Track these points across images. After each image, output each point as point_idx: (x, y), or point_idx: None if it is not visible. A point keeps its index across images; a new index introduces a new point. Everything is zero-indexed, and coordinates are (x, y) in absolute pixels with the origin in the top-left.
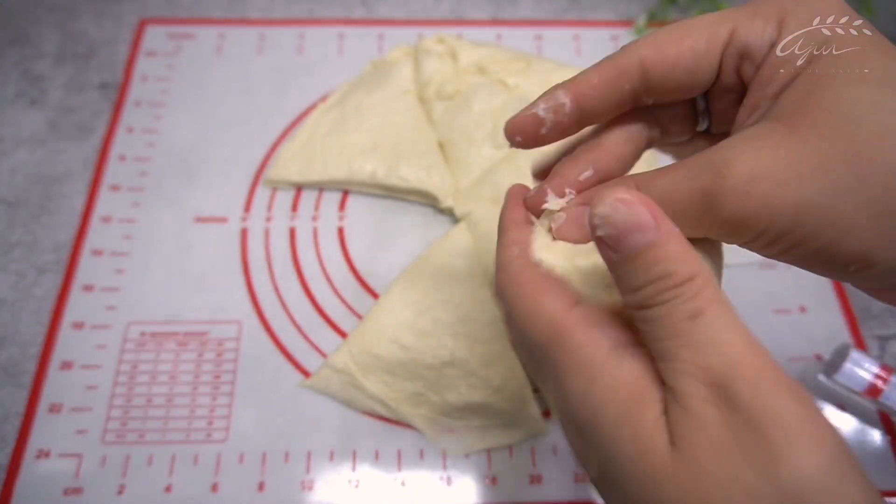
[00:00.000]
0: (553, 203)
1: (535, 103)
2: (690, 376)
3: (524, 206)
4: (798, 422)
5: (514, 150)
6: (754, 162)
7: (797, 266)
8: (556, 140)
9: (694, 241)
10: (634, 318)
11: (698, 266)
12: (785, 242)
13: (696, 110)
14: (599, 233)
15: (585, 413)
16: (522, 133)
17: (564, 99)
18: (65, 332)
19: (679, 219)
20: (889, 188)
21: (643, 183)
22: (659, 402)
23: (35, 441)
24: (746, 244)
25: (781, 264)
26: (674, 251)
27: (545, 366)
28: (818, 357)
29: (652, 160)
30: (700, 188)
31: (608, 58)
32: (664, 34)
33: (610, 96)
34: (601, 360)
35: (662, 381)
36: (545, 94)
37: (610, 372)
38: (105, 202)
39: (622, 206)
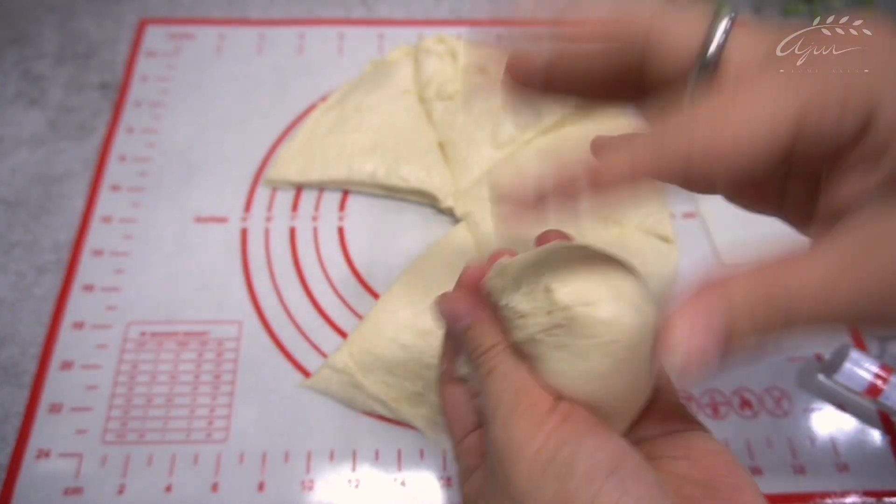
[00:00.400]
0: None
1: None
2: (486, 425)
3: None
4: (524, 442)
5: (514, 149)
6: None
7: None
8: None
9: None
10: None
11: (497, 339)
12: None
13: None
14: (442, 325)
15: None
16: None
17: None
18: (65, 332)
19: (837, 317)
20: None
21: (788, 280)
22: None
23: (35, 441)
24: None
25: None
26: (481, 331)
27: None
28: (818, 357)
29: None
30: (867, 291)
31: (653, 145)
32: (718, 123)
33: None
34: (464, 491)
35: None
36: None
37: (466, 496)
38: (105, 202)
39: (444, 304)
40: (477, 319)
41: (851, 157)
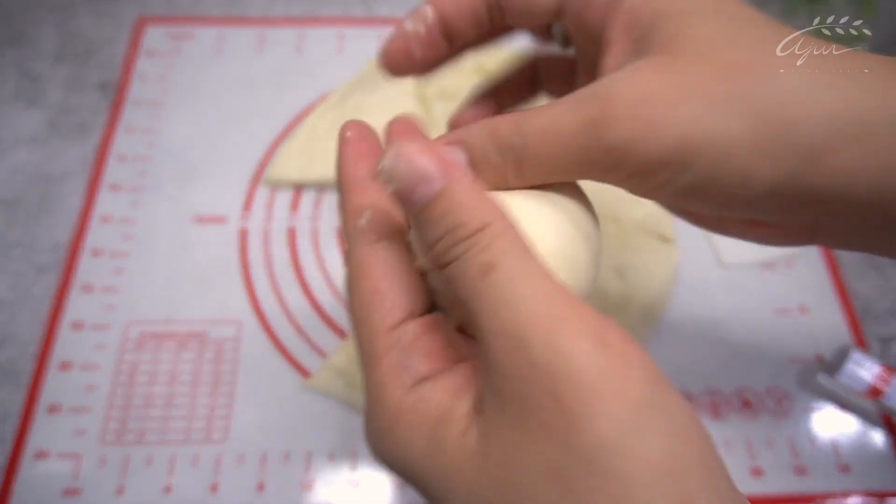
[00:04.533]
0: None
1: (401, 23)
2: (492, 347)
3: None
4: (597, 375)
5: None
6: (640, 87)
7: (677, 203)
8: (431, 66)
9: (563, 191)
10: (444, 282)
11: (491, 215)
12: (672, 168)
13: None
14: (390, 188)
15: (394, 455)
16: (396, 55)
17: (428, 10)
18: (64, 332)
19: (565, 153)
20: (765, 102)
21: (524, 118)
22: (464, 413)
23: (34, 441)
24: (631, 178)
25: (781, 264)
26: (463, 199)
27: None
28: (819, 357)
29: None
30: (587, 118)
31: None
32: None
33: (467, 6)
34: (399, 401)
35: (471, 384)
36: (412, 13)
37: (410, 409)
38: (104, 202)
39: (403, 158)
40: (455, 179)
41: (608, 31)
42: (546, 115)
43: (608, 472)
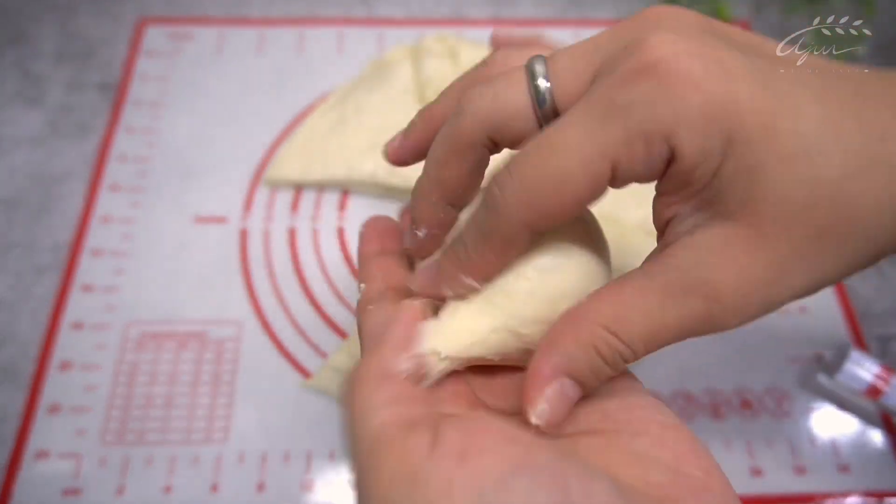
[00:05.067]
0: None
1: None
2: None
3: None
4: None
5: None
6: (741, 272)
7: None
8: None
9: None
10: None
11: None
12: None
13: None
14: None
15: None
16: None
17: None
18: (64, 332)
19: (666, 342)
20: (860, 248)
21: (625, 328)
22: None
23: (34, 441)
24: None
25: None
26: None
27: None
28: (819, 357)
29: None
30: (695, 317)
31: (491, 230)
32: (539, 187)
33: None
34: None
35: None
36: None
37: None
38: (104, 202)
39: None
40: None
41: (664, 184)
42: (645, 316)
43: None
